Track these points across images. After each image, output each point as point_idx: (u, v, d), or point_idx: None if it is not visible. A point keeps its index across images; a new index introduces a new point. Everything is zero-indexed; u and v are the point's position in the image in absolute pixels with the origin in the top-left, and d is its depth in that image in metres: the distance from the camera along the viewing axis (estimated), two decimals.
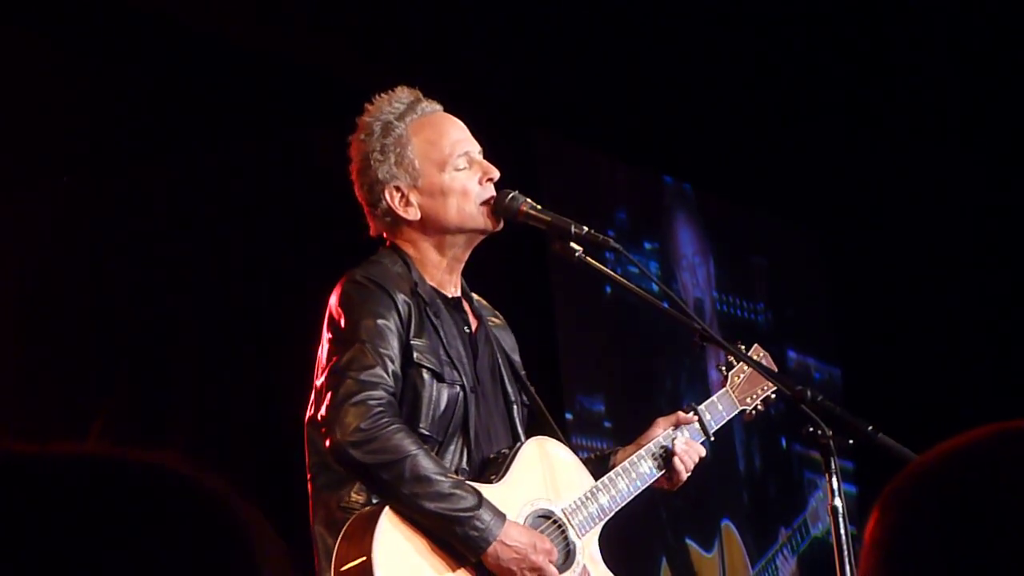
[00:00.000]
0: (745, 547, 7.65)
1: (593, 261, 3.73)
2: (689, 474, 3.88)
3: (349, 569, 3.50)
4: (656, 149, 7.62)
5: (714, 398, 3.99)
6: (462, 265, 3.82)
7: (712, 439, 3.95)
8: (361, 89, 3.91)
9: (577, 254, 3.71)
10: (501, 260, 6.45)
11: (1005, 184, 8.07)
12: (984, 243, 8.17)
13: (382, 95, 3.80)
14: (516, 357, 3.96)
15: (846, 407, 3.47)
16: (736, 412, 4.00)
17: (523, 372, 3.94)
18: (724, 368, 4.01)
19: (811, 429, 3.39)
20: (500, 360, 3.87)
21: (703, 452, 3.91)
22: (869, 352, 8.31)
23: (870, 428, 3.34)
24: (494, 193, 3.74)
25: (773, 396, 3.98)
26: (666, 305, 3.83)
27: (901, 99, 8.28)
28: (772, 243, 8.38)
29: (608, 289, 7.15)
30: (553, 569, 3.62)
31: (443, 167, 3.73)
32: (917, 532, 1.23)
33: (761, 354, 4.07)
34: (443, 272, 3.78)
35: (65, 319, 5.66)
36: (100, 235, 5.79)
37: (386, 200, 3.72)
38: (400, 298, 3.64)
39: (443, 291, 3.78)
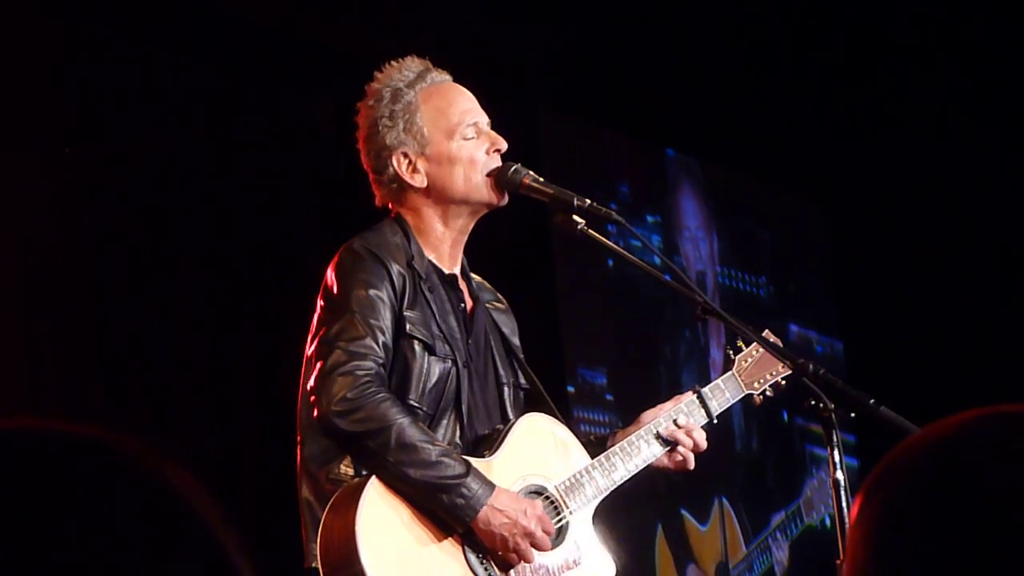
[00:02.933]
0: (740, 526, 7.66)
1: (595, 234, 3.72)
2: (694, 459, 3.84)
3: (333, 540, 3.49)
4: (659, 122, 7.61)
5: (719, 381, 3.93)
6: (464, 239, 3.80)
7: (715, 422, 3.89)
8: (363, 62, 3.90)
9: (579, 227, 3.70)
10: (503, 233, 6.45)
11: (1009, 159, 8.06)
12: (986, 217, 8.16)
13: (392, 63, 3.78)
14: (515, 341, 3.93)
15: (848, 380, 3.47)
16: (741, 396, 3.93)
17: (521, 356, 3.93)
18: (732, 352, 3.95)
19: (813, 402, 3.39)
20: (493, 341, 3.85)
21: (703, 438, 3.87)
22: (871, 325, 8.32)
23: (872, 401, 3.34)
24: (500, 164, 3.72)
25: (783, 381, 3.91)
26: (668, 278, 3.83)
27: (906, 72, 8.26)
28: (775, 217, 8.38)
29: (610, 262, 7.15)
30: (544, 536, 3.60)
31: (451, 135, 3.71)
32: (905, 523, 1.21)
33: (772, 340, 4.02)
34: (445, 245, 3.76)
35: (66, 290, 5.65)
36: (101, 207, 5.78)
37: (393, 166, 3.71)
38: (395, 268, 3.63)
39: (440, 266, 3.76)
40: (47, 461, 1.08)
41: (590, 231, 3.71)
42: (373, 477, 3.50)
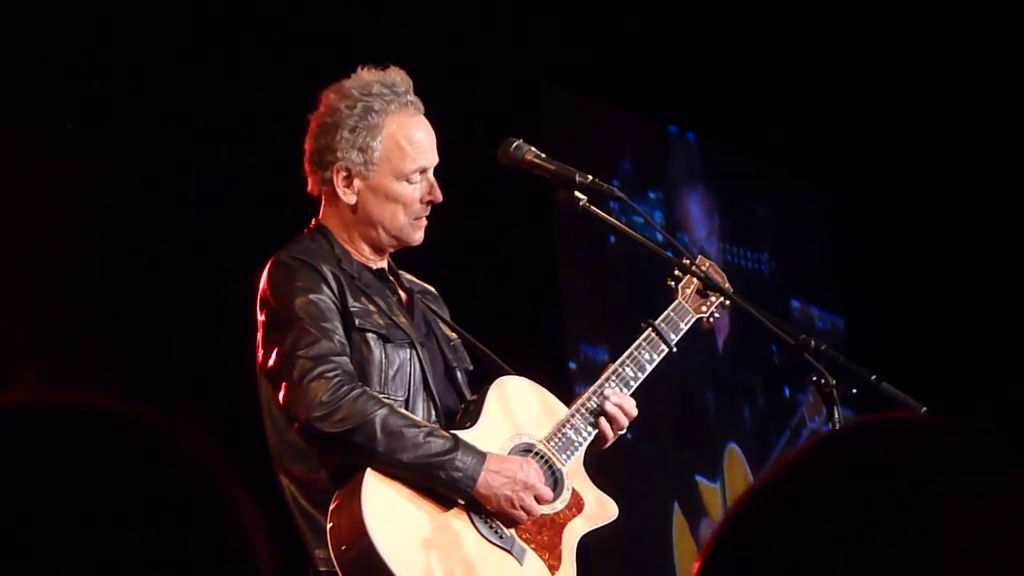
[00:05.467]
0: (748, 464, 7.67)
1: (597, 210, 3.75)
2: (621, 431, 3.90)
3: (344, 538, 3.53)
4: (660, 98, 7.60)
5: (669, 312, 4.04)
6: (387, 251, 3.88)
7: (675, 350, 3.99)
8: (363, 41, 3.90)
9: (581, 203, 3.73)
10: (505, 210, 6.45)
11: (1011, 133, 8.05)
12: (988, 192, 8.16)
13: (375, 70, 3.81)
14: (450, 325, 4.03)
15: (849, 356, 3.48)
16: (693, 321, 4.04)
17: (466, 335, 3.99)
18: (673, 281, 4.04)
19: (815, 378, 3.41)
20: (434, 328, 3.93)
21: (632, 405, 3.90)
22: (872, 301, 8.32)
23: (873, 377, 3.35)
24: (426, 215, 3.80)
25: (728, 301, 4.02)
26: (670, 254, 3.86)
27: (906, 46, 8.26)
28: (775, 192, 8.37)
29: (612, 238, 7.15)
30: (545, 488, 3.66)
31: (399, 176, 3.78)
32: None
33: (707, 264, 4.13)
34: (368, 249, 3.85)
35: (67, 267, 5.64)
36: (102, 183, 5.77)
37: (331, 173, 3.77)
38: (327, 270, 3.70)
39: (368, 264, 3.84)
40: (67, 436, 1.06)
41: (592, 207, 3.73)
42: (368, 469, 3.54)
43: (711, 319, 4.07)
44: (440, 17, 6.32)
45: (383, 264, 3.88)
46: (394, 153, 3.76)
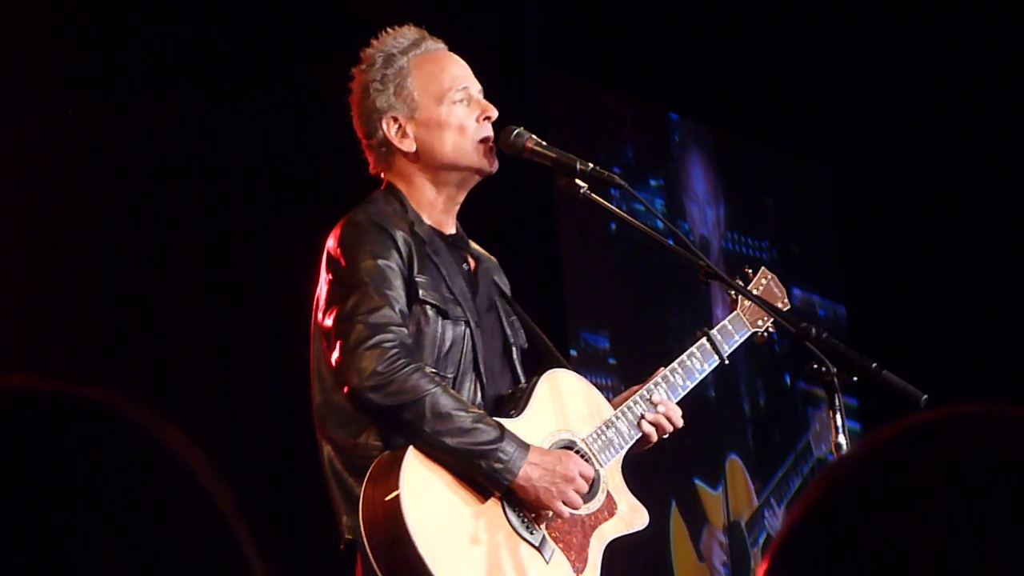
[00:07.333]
0: (751, 479, 7.68)
1: (598, 198, 3.73)
2: (664, 436, 3.88)
3: (377, 512, 3.51)
4: (662, 86, 7.59)
5: (725, 322, 4.01)
6: (458, 206, 3.82)
7: (727, 363, 3.97)
8: (364, 23, 3.90)
9: (582, 191, 3.71)
10: (506, 196, 6.45)
11: (1012, 122, 8.04)
12: (990, 181, 8.15)
13: (388, 30, 3.81)
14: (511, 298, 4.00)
15: (851, 344, 3.47)
16: (748, 334, 4.02)
17: (524, 314, 3.96)
18: (733, 292, 4.01)
19: (815, 366, 3.40)
20: (498, 301, 3.89)
21: (679, 415, 3.89)
22: (874, 289, 8.32)
23: (874, 365, 3.35)
24: (491, 133, 3.74)
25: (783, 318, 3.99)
26: (671, 242, 3.85)
27: (910, 36, 8.24)
28: (778, 181, 8.37)
29: (613, 226, 7.15)
30: (583, 482, 3.64)
31: (441, 100, 3.74)
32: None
33: (768, 277, 4.11)
34: (439, 211, 3.78)
35: (68, 267, 5.64)
36: (104, 169, 5.77)
37: (383, 130, 3.74)
38: (400, 235, 3.65)
39: (441, 230, 3.79)
40: (42, 423, 1.04)
41: (593, 195, 3.72)
42: (411, 446, 3.52)
43: (765, 334, 4.03)
44: (439, 5, 6.30)
45: (453, 230, 3.82)
46: (429, 84, 3.73)
